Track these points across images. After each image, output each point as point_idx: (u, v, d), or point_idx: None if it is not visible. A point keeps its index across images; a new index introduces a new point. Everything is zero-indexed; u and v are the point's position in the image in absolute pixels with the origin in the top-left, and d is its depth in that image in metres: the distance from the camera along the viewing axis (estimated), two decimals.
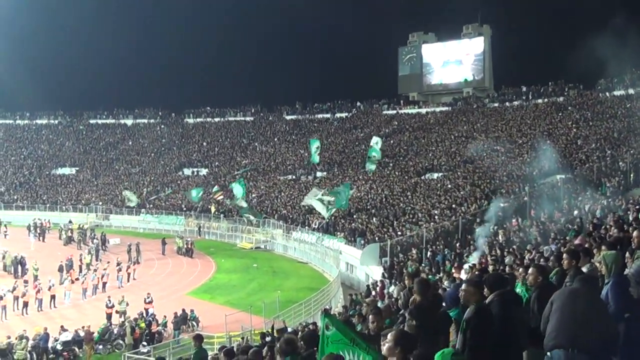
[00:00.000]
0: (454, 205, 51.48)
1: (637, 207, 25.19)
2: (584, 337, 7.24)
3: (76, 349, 33.96)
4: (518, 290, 10.48)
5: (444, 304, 10.00)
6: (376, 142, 71.80)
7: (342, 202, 55.43)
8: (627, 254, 9.93)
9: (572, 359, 7.23)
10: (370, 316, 9.60)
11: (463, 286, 8.69)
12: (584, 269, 10.38)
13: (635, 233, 10.63)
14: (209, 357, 19.12)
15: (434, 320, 8.31)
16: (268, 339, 22.93)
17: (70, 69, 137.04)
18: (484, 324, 7.70)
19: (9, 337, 33.20)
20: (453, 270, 26.31)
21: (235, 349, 17.03)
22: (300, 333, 19.48)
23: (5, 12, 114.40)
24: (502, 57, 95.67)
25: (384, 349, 6.74)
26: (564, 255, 8.17)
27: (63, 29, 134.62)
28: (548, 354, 7.50)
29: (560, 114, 72.88)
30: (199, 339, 18.38)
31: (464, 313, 8.09)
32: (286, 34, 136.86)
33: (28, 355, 32.32)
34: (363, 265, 47.64)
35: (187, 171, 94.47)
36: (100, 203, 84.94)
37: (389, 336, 6.79)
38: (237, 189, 66.95)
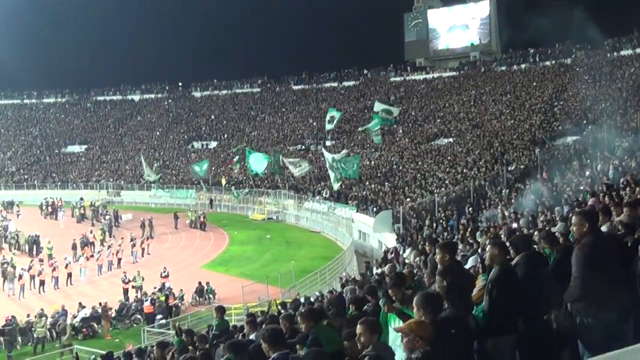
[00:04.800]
0: (465, 170, 51.47)
1: None
2: (614, 298, 7.23)
3: (95, 325, 34.24)
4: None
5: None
6: (382, 109, 70.66)
7: (349, 172, 55.25)
8: None
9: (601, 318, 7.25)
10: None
11: (487, 247, 8.71)
12: (604, 228, 10.34)
13: None
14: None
15: (462, 279, 8.34)
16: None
17: (75, 46, 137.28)
18: (508, 285, 7.75)
19: (28, 316, 33.49)
20: (467, 235, 26.35)
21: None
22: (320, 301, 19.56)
23: None
24: (508, 20, 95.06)
25: (415, 312, 6.80)
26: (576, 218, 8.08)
27: (67, 6, 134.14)
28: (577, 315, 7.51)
29: (568, 76, 72.58)
30: (220, 310, 18.49)
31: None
32: (291, 2, 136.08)
33: (48, 333, 32.63)
34: (376, 233, 47.70)
35: (197, 144, 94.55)
36: (111, 179, 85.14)
37: (415, 299, 6.85)
38: (258, 161, 65.88)
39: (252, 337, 12.79)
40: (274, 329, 8.78)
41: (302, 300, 27.05)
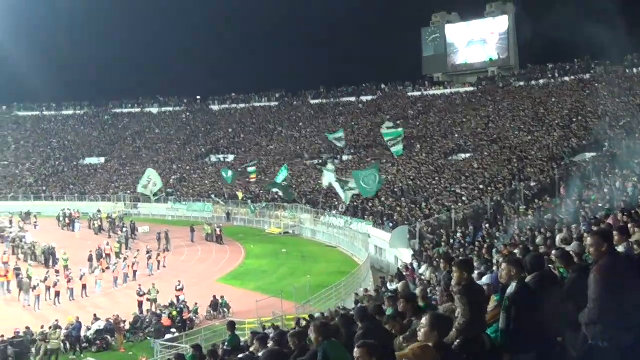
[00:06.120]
0: (481, 186, 51.26)
1: None
2: (632, 322, 7.06)
3: (109, 337, 34.22)
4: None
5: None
6: (387, 126, 70.46)
7: (369, 188, 55.06)
8: None
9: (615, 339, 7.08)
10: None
11: (502, 265, 8.55)
12: (620, 248, 10.14)
13: None
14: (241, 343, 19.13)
15: (479, 298, 8.19)
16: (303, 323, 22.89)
17: (94, 58, 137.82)
18: (527, 301, 7.59)
19: (42, 327, 33.47)
20: (484, 252, 26.16)
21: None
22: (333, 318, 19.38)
23: (29, 3, 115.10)
24: (527, 35, 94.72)
25: (421, 334, 6.65)
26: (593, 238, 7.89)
27: (86, 19, 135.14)
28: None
29: (587, 91, 72.21)
30: (232, 325, 18.43)
31: (504, 294, 7.98)
32: (308, 17, 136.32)
33: (62, 345, 32.59)
34: (392, 248, 47.52)
35: (214, 158, 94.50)
36: (129, 192, 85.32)
37: (424, 321, 6.72)
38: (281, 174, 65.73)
39: (260, 354, 12.65)
40: (273, 351, 8.62)
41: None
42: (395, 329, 9.63)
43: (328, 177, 55.06)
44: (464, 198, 49.83)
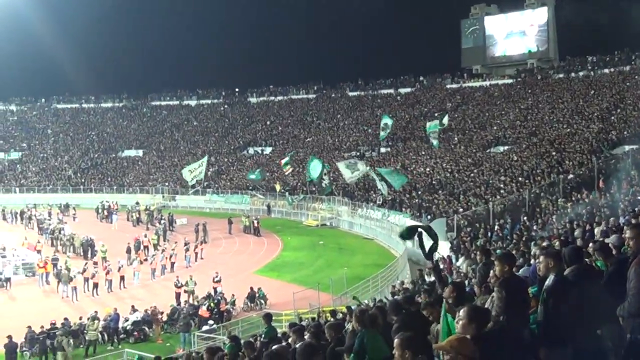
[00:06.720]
0: (520, 179, 50.91)
1: None
2: None
3: (146, 329, 34.44)
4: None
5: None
6: (441, 116, 70.70)
7: (395, 183, 55.46)
8: None
9: None
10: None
11: (540, 258, 8.47)
12: None
13: None
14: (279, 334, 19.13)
15: (521, 291, 8.12)
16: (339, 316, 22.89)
17: (133, 51, 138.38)
18: (565, 294, 7.51)
19: (80, 318, 33.79)
20: (521, 245, 25.97)
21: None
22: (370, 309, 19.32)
23: None
24: (566, 27, 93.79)
25: (459, 326, 6.60)
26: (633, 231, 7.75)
27: (124, 12, 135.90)
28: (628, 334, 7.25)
29: (627, 84, 71.49)
30: (268, 317, 18.41)
31: (542, 287, 7.91)
32: (347, 9, 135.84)
33: (99, 336, 32.85)
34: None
35: (252, 150, 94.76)
36: (167, 184, 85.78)
37: (461, 313, 6.65)
38: (315, 167, 65.77)
39: (297, 346, 12.66)
40: (307, 345, 8.60)
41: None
42: (433, 316, 9.58)
43: (347, 173, 55.61)
44: (502, 191, 49.51)
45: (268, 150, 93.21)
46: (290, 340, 14.24)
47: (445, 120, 71.62)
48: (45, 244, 55.04)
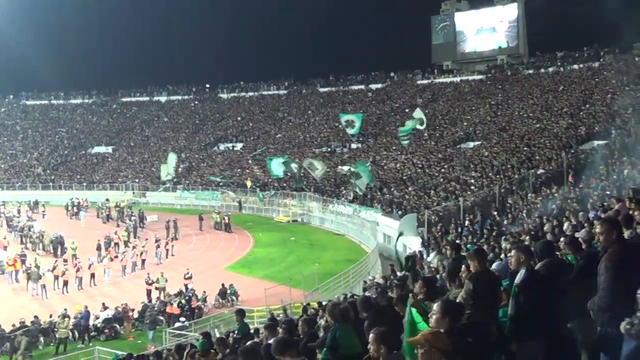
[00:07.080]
0: (490, 174, 51.21)
1: None
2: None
3: (117, 326, 34.33)
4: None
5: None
6: (419, 117, 70.04)
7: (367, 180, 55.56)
8: None
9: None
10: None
11: (512, 252, 8.54)
12: (626, 235, 10.06)
13: None
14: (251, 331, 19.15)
15: (492, 286, 8.17)
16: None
17: (102, 47, 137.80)
18: (536, 288, 7.56)
19: (50, 316, 33.63)
20: (491, 239, 26.15)
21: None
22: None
23: None
24: (536, 23, 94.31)
25: (432, 320, 6.63)
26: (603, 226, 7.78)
27: (94, 8, 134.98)
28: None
29: (596, 79, 71.99)
30: (241, 313, 18.39)
31: (513, 281, 7.95)
32: (318, 5, 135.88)
33: (70, 334, 32.69)
34: (401, 236, 47.48)
35: (222, 146, 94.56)
36: (137, 181, 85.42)
37: (435, 307, 6.70)
38: (276, 166, 65.06)
39: (271, 341, 12.66)
40: (280, 339, 8.60)
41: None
42: (404, 311, 9.61)
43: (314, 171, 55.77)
44: (472, 186, 49.80)
45: (239, 146, 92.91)
46: (262, 335, 14.26)
47: (424, 120, 70.94)
48: (15, 242, 54.68)
